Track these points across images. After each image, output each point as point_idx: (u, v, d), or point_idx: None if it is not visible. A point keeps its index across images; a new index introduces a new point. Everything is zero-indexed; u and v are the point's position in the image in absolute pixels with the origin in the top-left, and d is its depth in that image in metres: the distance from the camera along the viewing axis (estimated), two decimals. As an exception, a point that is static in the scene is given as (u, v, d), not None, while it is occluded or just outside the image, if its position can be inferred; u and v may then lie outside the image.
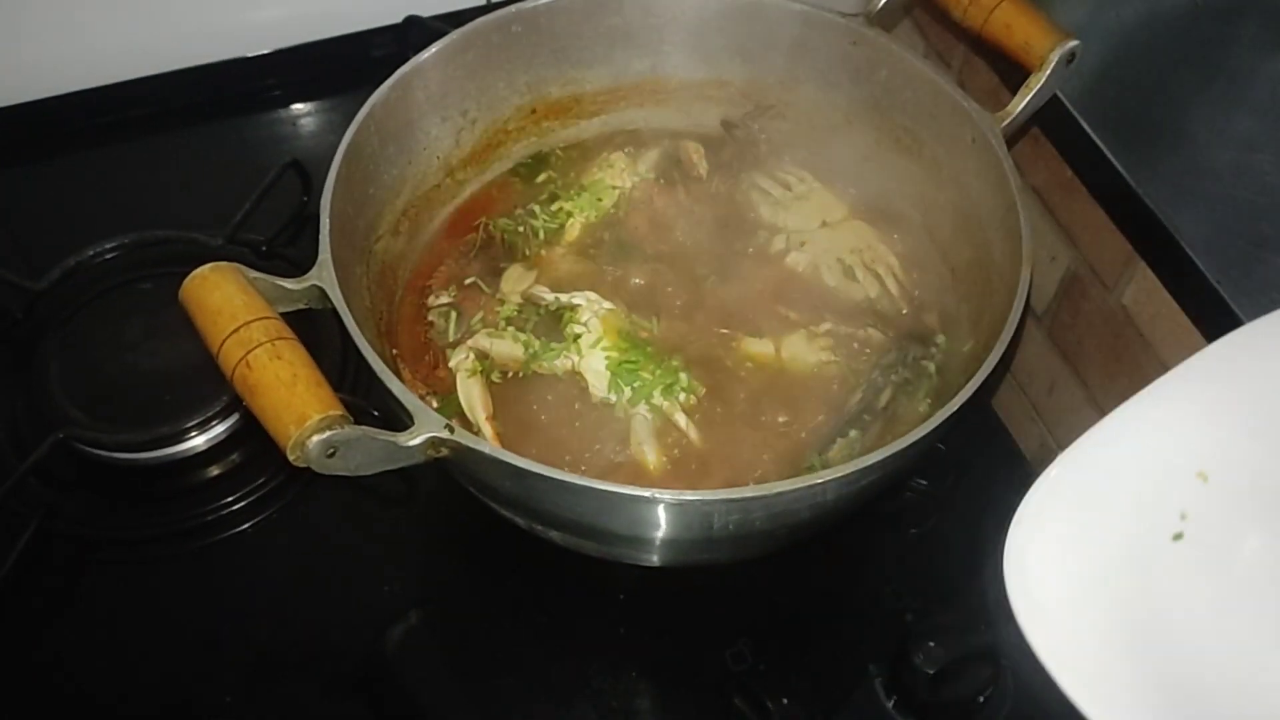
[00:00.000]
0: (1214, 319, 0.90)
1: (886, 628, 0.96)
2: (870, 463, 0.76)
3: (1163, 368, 0.99)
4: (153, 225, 1.16)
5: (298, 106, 1.35)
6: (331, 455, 0.72)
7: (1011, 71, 1.01)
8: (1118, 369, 1.04)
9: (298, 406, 0.71)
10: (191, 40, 1.30)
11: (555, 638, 0.97)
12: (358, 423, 0.73)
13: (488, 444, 0.76)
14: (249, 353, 0.73)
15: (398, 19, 1.34)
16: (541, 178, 1.12)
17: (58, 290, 1.11)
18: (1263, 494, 0.71)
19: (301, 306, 0.85)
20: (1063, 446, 1.14)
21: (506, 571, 1.00)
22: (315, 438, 0.70)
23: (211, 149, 1.31)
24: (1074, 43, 0.94)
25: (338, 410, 0.72)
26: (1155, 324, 0.99)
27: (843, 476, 0.76)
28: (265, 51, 1.34)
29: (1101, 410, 1.07)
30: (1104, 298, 1.03)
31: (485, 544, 1.01)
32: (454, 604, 1.00)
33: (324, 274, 0.83)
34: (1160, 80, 1.01)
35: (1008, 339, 0.82)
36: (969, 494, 1.06)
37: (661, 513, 0.77)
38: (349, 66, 1.35)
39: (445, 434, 0.76)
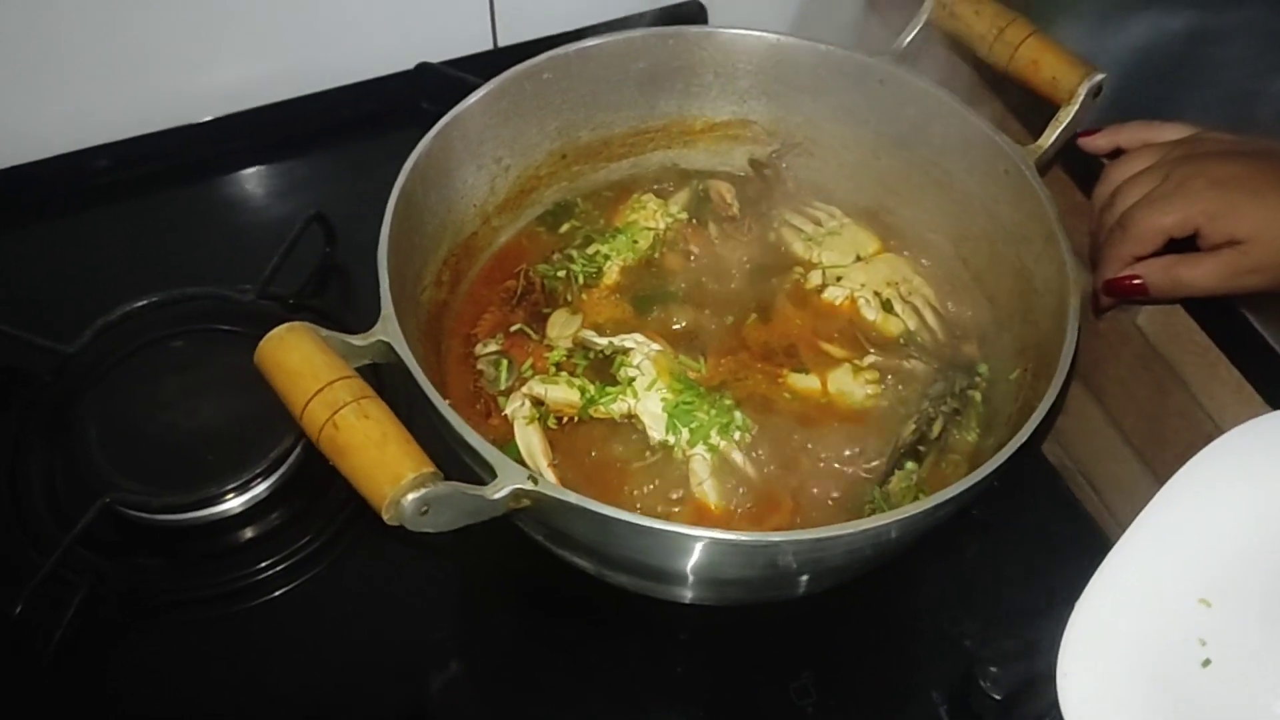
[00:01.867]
0: (1234, 336, 0.93)
1: (947, 654, 0.98)
2: (946, 498, 0.77)
3: (1184, 386, 1.03)
4: (179, 282, 1.15)
5: (313, 157, 1.35)
6: (424, 513, 0.72)
7: (1025, 102, 1.03)
8: (1137, 389, 1.07)
9: (391, 465, 0.71)
10: (207, 94, 1.30)
11: (612, 682, 0.97)
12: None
13: (572, 493, 0.76)
14: (336, 413, 0.73)
15: (409, 65, 1.34)
16: (565, 227, 1.13)
17: (89, 351, 1.09)
18: (1264, 611, 0.76)
19: (366, 362, 0.85)
20: (1080, 466, 1.18)
21: (558, 618, 1.00)
22: (410, 496, 0.70)
23: (230, 202, 1.30)
24: (1101, 75, 0.97)
25: (429, 467, 0.72)
26: (1175, 344, 1.02)
27: (920, 513, 0.77)
28: (278, 101, 1.33)
29: (1120, 430, 1.10)
30: (1119, 318, 1.06)
31: (536, 592, 1.00)
32: (506, 652, 0.99)
33: (389, 328, 0.83)
34: (1165, 104, 1.04)
35: (1065, 368, 0.84)
36: (1006, 516, 1.08)
37: (744, 555, 0.78)
38: (361, 115, 1.36)
39: (529, 485, 0.76)
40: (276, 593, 1.00)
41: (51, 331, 1.10)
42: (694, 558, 0.80)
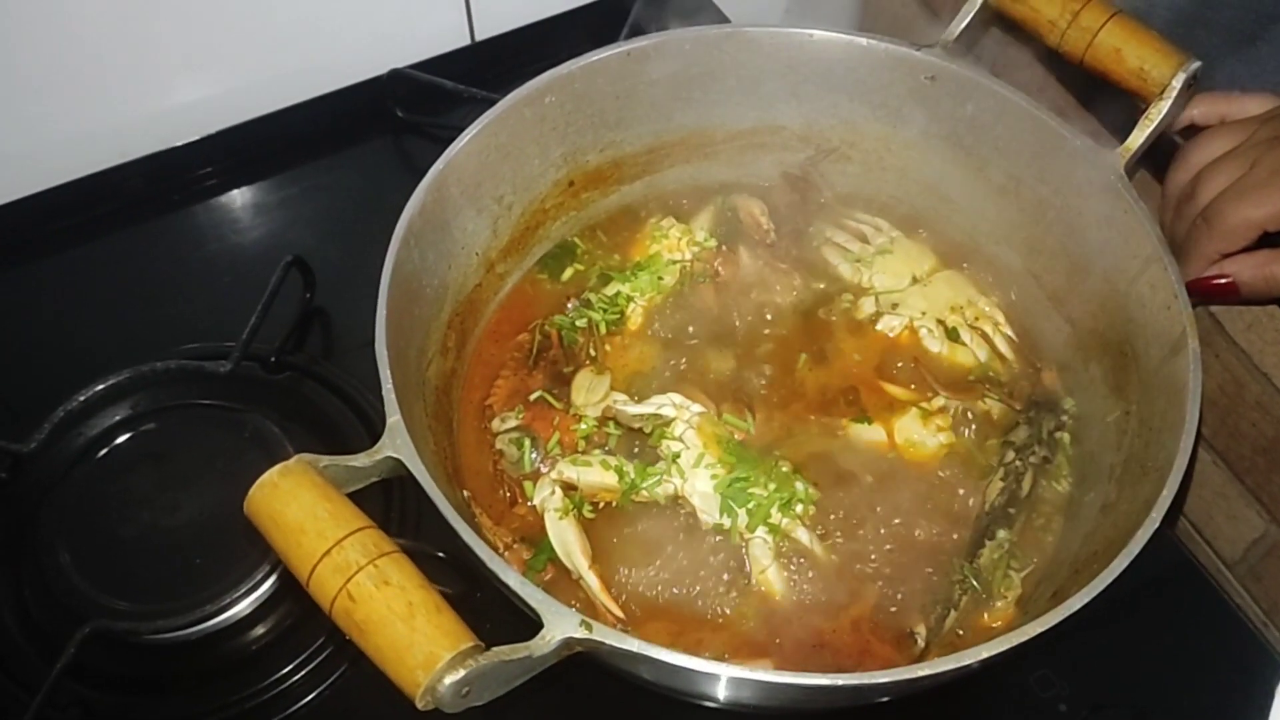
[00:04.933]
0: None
1: (1041, 721, 0.87)
2: (1074, 610, 0.66)
3: (1264, 379, 0.92)
4: (144, 349, 1.02)
5: (279, 180, 1.20)
6: (465, 694, 0.60)
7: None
8: (1205, 379, 0.94)
9: (422, 645, 0.59)
10: (158, 121, 1.15)
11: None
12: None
13: (634, 639, 0.65)
14: (349, 581, 0.61)
15: (381, 70, 1.20)
16: (568, 273, 1.00)
17: (48, 448, 0.96)
18: None
19: (374, 480, 0.72)
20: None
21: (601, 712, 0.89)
22: (448, 680, 0.59)
23: (192, 242, 1.16)
24: (1196, 64, 0.84)
25: (469, 640, 0.60)
26: (1254, 332, 0.95)
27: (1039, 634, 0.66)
28: (237, 123, 1.19)
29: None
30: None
31: (592, 695, 0.89)
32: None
33: (398, 441, 0.71)
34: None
35: (1193, 429, 0.72)
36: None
37: (839, 693, 0.66)
38: (329, 129, 1.22)
39: (582, 632, 0.64)
40: (300, 704, 0.88)
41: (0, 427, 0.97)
42: (782, 696, 0.69)
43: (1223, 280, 0.82)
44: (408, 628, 0.60)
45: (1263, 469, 0.98)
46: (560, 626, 0.64)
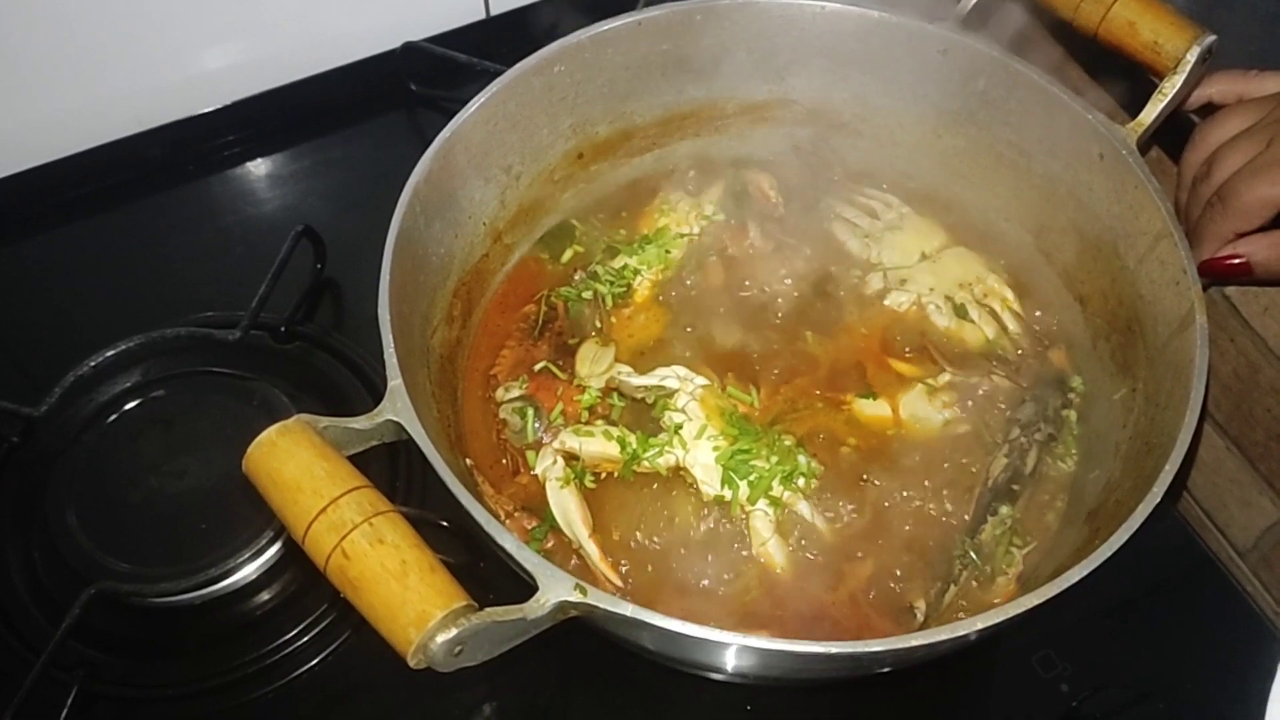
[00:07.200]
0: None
1: (1041, 703, 0.87)
2: (1073, 581, 0.66)
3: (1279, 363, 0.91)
4: (155, 316, 1.03)
5: (293, 152, 1.21)
6: (458, 653, 0.60)
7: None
8: (1220, 363, 0.96)
9: (415, 603, 0.59)
10: (170, 93, 1.16)
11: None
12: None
13: (628, 604, 0.65)
14: (344, 538, 0.61)
15: (395, 44, 1.20)
16: (568, 255, 0.99)
17: (59, 412, 0.97)
18: None
19: (375, 444, 0.72)
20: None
21: (603, 688, 0.89)
22: (440, 638, 0.59)
23: (204, 212, 1.17)
24: (1211, 38, 0.83)
25: (461, 600, 0.60)
26: (1270, 316, 0.91)
27: (1011, 617, 0.66)
28: (251, 94, 1.19)
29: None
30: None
31: (593, 662, 0.89)
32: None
33: (399, 405, 0.71)
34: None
35: (1198, 404, 0.71)
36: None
37: (836, 661, 0.66)
38: (343, 102, 1.22)
39: (577, 596, 0.64)
40: (303, 669, 0.89)
41: (12, 390, 0.98)
42: (777, 664, 0.68)
43: (1237, 260, 0.81)
44: (401, 585, 0.60)
45: (1276, 455, 0.97)
46: (555, 590, 0.64)
